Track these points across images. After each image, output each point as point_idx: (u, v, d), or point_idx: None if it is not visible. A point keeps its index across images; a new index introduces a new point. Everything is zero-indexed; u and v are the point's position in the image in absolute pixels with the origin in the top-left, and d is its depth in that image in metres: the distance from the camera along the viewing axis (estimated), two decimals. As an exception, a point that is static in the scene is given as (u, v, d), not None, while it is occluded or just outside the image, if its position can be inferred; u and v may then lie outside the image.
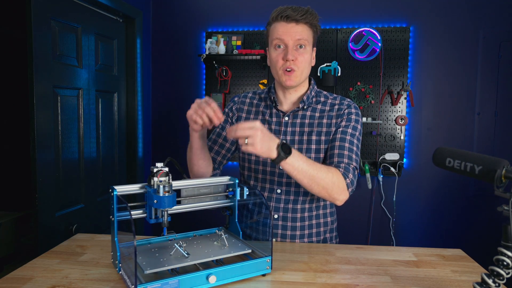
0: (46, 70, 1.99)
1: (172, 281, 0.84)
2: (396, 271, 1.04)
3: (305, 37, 1.21)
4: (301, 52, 1.22)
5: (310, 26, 1.22)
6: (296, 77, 1.24)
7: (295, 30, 1.20)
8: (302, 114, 1.31)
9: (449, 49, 2.84)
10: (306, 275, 1.00)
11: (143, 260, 0.93)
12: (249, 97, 1.42)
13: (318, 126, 1.29)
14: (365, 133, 2.90)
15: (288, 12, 1.19)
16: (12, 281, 0.93)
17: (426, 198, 2.94)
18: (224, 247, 1.03)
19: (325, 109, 1.32)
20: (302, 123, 1.31)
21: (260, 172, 1.34)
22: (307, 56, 1.23)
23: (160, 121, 3.20)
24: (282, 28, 1.20)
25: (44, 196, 1.98)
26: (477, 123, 2.85)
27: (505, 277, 0.68)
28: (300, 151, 1.28)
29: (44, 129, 1.98)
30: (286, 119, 1.32)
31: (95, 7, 2.44)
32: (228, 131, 1.02)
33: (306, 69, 1.25)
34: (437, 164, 0.78)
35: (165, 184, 0.95)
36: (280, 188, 1.31)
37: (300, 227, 1.31)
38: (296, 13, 1.19)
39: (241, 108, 1.41)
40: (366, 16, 2.90)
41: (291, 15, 1.18)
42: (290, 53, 1.20)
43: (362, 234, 3.01)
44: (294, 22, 1.19)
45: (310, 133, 1.29)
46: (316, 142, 1.28)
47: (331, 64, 2.80)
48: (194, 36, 3.12)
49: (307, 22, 1.21)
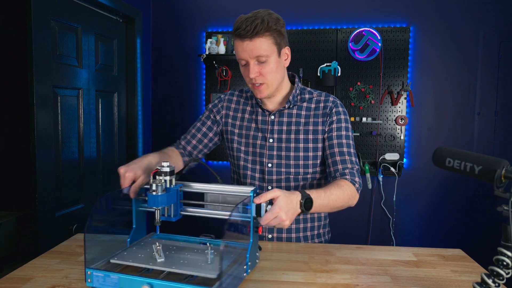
0: (46, 70, 1.99)
1: (114, 276, 0.88)
2: (396, 271, 1.04)
3: (263, 52, 1.16)
4: (263, 65, 1.19)
5: (267, 37, 1.16)
6: (265, 89, 1.23)
7: (251, 48, 1.15)
8: (288, 112, 1.32)
9: (449, 49, 2.84)
10: (306, 275, 1.00)
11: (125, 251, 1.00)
12: (236, 95, 1.43)
13: (305, 125, 1.30)
14: (365, 133, 2.90)
15: (241, 30, 1.14)
16: (12, 281, 0.93)
17: (426, 198, 2.94)
18: (203, 263, 0.94)
19: (311, 106, 1.32)
20: (289, 122, 1.31)
21: (248, 178, 1.36)
22: (270, 67, 1.19)
23: (160, 121, 3.20)
24: (239, 47, 1.18)
25: (44, 196, 1.98)
26: (477, 123, 2.85)
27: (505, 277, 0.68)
28: (288, 150, 1.30)
29: (44, 129, 1.98)
30: (272, 117, 1.32)
31: (95, 7, 2.44)
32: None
33: (275, 78, 1.23)
34: (437, 164, 0.78)
35: (157, 183, 0.96)
36: (271, 184, 1.33)
37: (295, 229, 1.34)
38: (246, 30, 1.13)
39: (228, 107, 1.41)
40: (366, 16, 2.90)
41: (242, 33, 1.14)
42: (251, 71, 1.18)
43: (362, 234, 3.01)
44: (247, 39, 1.15)
45: (298, 131, 1.30)
46: (304, 141, 1.29)
47: (331, 64, 2.80)
48: (194, 36, 3.11)
49: (262, 34, 1.15)
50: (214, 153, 3.10)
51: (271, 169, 1.32)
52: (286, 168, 1.31)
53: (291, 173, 1.31)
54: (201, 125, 1.42)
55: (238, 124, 1.38)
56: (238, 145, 1.37)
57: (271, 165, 1.32)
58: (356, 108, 2.89)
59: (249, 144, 1.35)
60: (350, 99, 2.89)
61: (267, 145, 1.32)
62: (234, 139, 1.38)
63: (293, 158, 1.30)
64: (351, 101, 2.89)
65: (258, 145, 1.33)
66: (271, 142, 1.31)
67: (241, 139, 1.37)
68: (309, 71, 2.93)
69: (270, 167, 1.32)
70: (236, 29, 1.16)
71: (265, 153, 1.32)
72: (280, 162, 1.31)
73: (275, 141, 1.31)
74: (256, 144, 1.33)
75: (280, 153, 1.31)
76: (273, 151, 1.31)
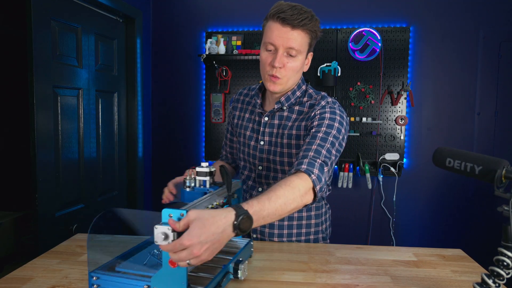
0: (46, 70, 1.98)
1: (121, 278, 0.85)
2: (396, 271, 1.04)
3: (297, 45, 1.11)
4: (290, 59, 1.13)
5: (307, 32, 1.11)
6: (280, 84, 1.17)
7: (288, 36, 1.09)
8: (279, 115, 1.25)
9: (449, 49, 2.84)
10: (306, 275, 1.00)
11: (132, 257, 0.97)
12: (244, 93, 1.41)
13: (289, 129, 1.22)
14: (365, 133, 2.90)
15: (286, 15, 1.07)
16: (12, 281, 0.93)
17: (426, 198, 2.94)
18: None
19: (303, 110, 1.23)
20: (279, 124, 1.25)
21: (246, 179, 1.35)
22: (296, 64, 1.14)
23: (160, 121, 3.20)
24: (276, 31, 1.10)
25: (44, 196, 1.98)
26: (477, 123, 2.85)
27: (505, 277, 0.68)
28: (275, 155, 1.24)
29: (44, 129, 1.98)
30: (265, 119, 1.27)
31: (95, 7, 2.44)
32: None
33: (294, 76, 1.18)
34: (437, 164, 0.78)
35: (189, 180, 1.00)
36: (262, 187, 1.31)
37: (288, 226, 1.28)
38: (294, 17, 1.07)
39: (235, 107, 1.41)
40: (366, 16, 2.90)
41: (287, 18, 1.07)
42: (278, 60, 1.11)
43: (362, 234, 3.01)
44: (289, 26, 1.08)
45: (282, 135, 1.23)
46: (287, 145, 1.22)
47: (331, 64, 2.80)
48: (194, 36, 3.11)
49: (304, 28, 1.10)
50: (220, 153, 3.10)
51: (261, 172, 1.29)
52: (275, 173, 1.27)
53: (278, 178, 1.26)
54: (228, 134, 1.49)
55: (240, 124, 1.37)
56: (240, 145, 1.36)
57: (261, 168, 1.28)
58: (356, 108, 2.89)
59: (245, 145, 1.32)
60: (350, 99, 2.89)
61: (258, 147, 1.28)
62: (239, 140, 1.37)
63: (279, 163, 1.25)
64: (351, 101, 2.89)
65: (252, 147, 1.30)
66: (261, 145, 1.27)
67: (241, 139, 1.35)
68: (309, 71, 2.93)
69: (260, 170, 1.29)
70: (279, 12, 1.08)
71: (256, 155, 1.29)
72: (270, 165, 1.27)
73: (265, 143, 1.26)
74: (250, 145, 1.30)
75: (269, 156, 1.26)
76: (263, 154, 1.27)
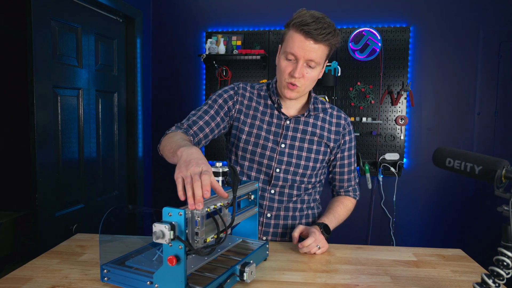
0: (46, 70, 1.99)
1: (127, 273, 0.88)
2: (396, 271, 1.04)
3: (318, 58, 1.16)
4: (309, 70, 1.18)
5: (327, 47, 1.17)
6: (298, 92, 1.23)
7: (310, 49, 1.14)
8: (305, 120, 1.32)
9: (449, 49, 2.84)
10: (306, 275, 1.00)
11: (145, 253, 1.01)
12: (249, 90, 1.35)
13: (319, 137, 1.31)
14: (365, 133, 2.90)
15: (310, 28, 1.11)
16: (12, 281, 0.93)
17: (426, 198, 2.94)
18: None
19: (326, 119, 1.34)
20: (305, 130, 1.31)
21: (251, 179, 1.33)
22: (314, 74, 1.21)
23: (160, 121, 3.20)
24: (298, 43, 1.14)
25: (44, 196, 1.98)
26: (477, 123, 2.85)
27: (505, 277, 0.68)
28: (299, 158, 1.31)
29: (44, 129, 1.98)
30: (288, 123, 1.31)
31: (95, 7, 2.44)
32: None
33: (310, 85, 1.24)
34: (437, 164, 0.78)
35: None
36: (274, 189, 1.32)
37: (291, 224, 1.35)
38: (318, 31, 1.11)
39: (242, 102, 1.33)
40: (366, 16, 2.90)
41: (311, 32, 1.11)
42: (298, 71, 1.16)
43: (362, 234, 3.01)
44: (312, 40, 1.13)
45: (312, 141, 1.31)
46: (315, 151, 1.31)
47: (331, 64, 2.79)
48: (194, 36, 3.11)
49: (326, 43, 1.15)
50: (220, 153, 3.10)
51: (279, 174, 1.29)
52: (293, 176, 1.30)
53: (296, 181, 1.31)
54: (209, 108, 1.29)
55: (249, 122, 1.31)
56: (246, 144, 1.31)
57: (279, 170, 1.29)
58: (356, 108, 2.89)
59: (258, 145, 1.30)
60: (350, 99, 2.89)
61: (278, 149, 1.29)
62: (241, 137, 1.32)
63: (302, 166, 1.30)
64: (351, 101, 2.88)
65: (269, 148, 1.29)
66: (282, 147, 1.29)
67: (250, 138, 1.31)
68: (309, 71, 2.92)
69: (277, 172, 1.29)
70: (303, 24, 1.11)
71: (275, 157, 1.29)
72: (289, 168, 1.30)
73: (287, 147, 1.29)
74: (267, 147, 1.29)
75: (291, 159, 1.29)
76: (284, 156, 1.29)
